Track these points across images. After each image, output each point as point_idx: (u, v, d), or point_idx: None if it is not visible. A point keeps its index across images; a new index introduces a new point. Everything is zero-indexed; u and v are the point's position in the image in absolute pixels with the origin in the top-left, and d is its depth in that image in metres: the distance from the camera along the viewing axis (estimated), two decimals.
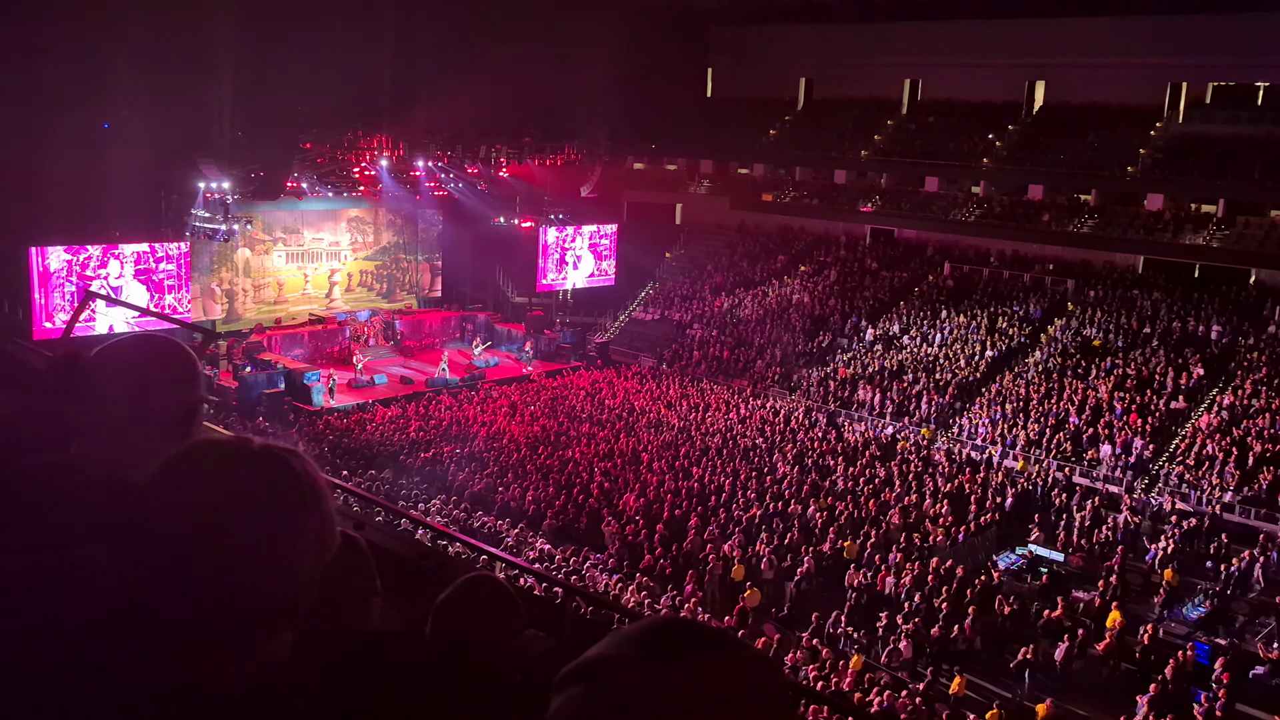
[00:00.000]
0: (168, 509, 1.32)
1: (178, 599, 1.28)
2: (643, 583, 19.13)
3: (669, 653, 1.01)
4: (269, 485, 1.33)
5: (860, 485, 25.07)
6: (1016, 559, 22.07)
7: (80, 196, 29.63)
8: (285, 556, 1.32)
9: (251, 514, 1.30)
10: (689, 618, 1.12)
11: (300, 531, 1.35)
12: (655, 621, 1.05)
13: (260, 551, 1.29)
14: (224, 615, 1.29)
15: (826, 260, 42.93)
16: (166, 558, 1.29)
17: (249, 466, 1.35)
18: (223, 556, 1.28)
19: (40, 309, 29.55)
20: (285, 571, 1.32)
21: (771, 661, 1.11)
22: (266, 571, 1.30)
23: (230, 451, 1.37)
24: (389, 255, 41.47)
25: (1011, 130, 42.96)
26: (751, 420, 30.43)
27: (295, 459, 1.39)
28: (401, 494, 23.00)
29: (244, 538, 1.29)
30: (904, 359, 34.75)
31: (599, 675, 1.02)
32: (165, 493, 1.34)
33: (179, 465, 1.36)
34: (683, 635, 1.03)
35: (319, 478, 1.42)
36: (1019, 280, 38.24)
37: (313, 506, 1.37)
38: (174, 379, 2.20)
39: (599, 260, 42.56)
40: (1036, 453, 28.02)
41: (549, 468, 25.32)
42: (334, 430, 28.48)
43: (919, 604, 19.11)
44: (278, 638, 1.38)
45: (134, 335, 2.26)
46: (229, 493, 1.31)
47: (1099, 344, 32.95)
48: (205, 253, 35.02)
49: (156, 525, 1.31)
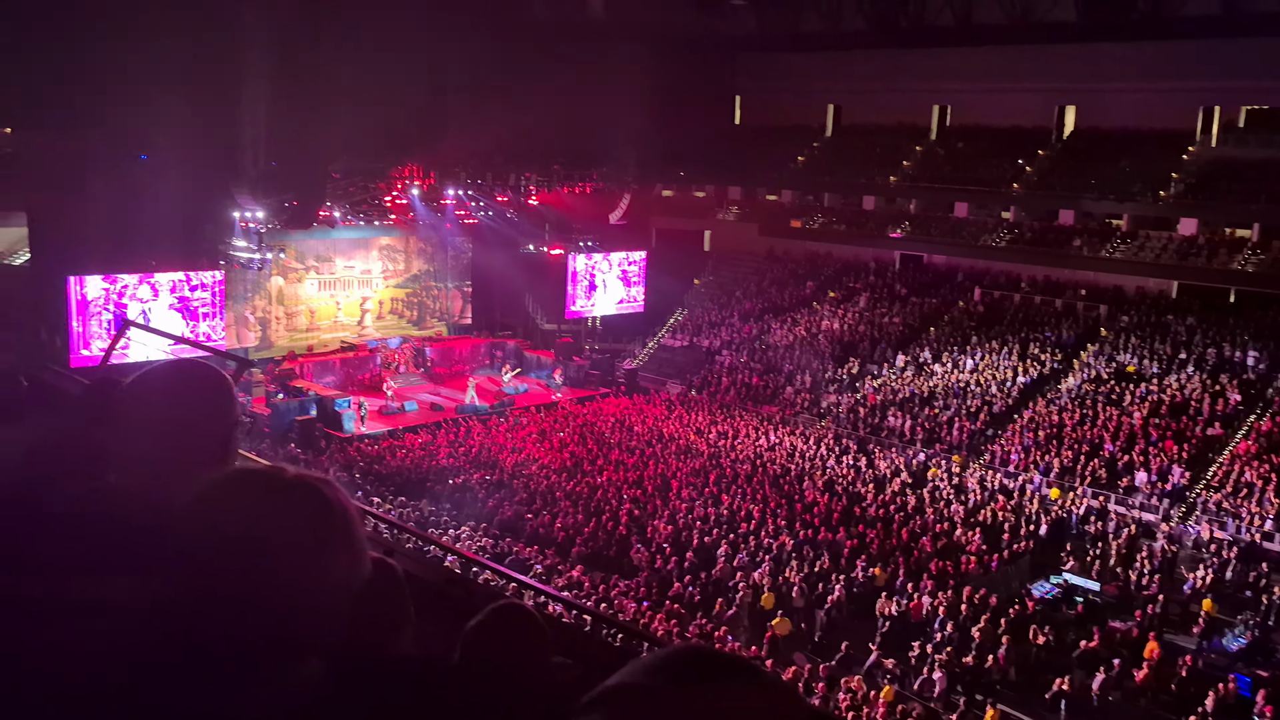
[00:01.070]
0: (202, 538, 1.34)
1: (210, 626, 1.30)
2: (672, 610, 19.03)
3: (688, 680, 1.02)
4: (302, 514, 1.36)
5: (891, 512, 24.86)
6: (1051, 588, 21.75)
7: (118, 226, 30.17)
8: (317, 584, 1.33)
9: (284, 543, 1.32)
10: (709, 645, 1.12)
11: (332, 559, 1.37)
12: (675, 649, 1.06)
13: (292, 579, 1.31)
14: (256, 642, 1.31)
15: (855, 286, 42.82)
16: (200, 585, 1.31)
17: (282, 496, 1.37)
18: (255, 584, 1.30)
19: (78, 337, 29.98)
20: (317, 599, 1.34)
21: (790, 689, 1.12)
22: (298, 599, 1.32)
23: (264, 481, 1.40)
24: (419, 283, 41.79)
25: (1042, 155, 42.78)
26: (781, 447, 30.29)
27: (327, 488, 1.41)
28: (431, 520, 23.05)
29: (276, 566, 1.31)
30: (934, 385, 34.52)
31: (619, 702, 1.03)
32: (199, 522, 1.36)
33: (214, 494, 1.39)
34: (702, 662, 1.04)
35: (350, 506, 1.44)
36: (1050, 306, 37.94)
37: (344, 535, 1.39)
38: (211, 406, 2.22)
39: (628, 287, 42.67)
40: (1070, 480, 27.69)
41: (578, 495, 25.30)
42: (365, 457, 28.63)
43: (951, 633, 18.88)
44: (310, 664, 1.40)
45: (171, 363, 2.29)
46: (262, 522, 1.34)
47: (1133, 370, 32.58)
48: (239, 281, 35.45)
49: (191, 553, 1.34)
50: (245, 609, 1.30)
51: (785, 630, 18.99)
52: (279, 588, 1.31)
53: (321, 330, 38.71)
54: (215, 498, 1.39)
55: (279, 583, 1.31)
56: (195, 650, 1.31)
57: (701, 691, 1.01)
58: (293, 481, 1.39)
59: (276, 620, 1.31)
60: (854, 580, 20.89)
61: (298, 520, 1.34)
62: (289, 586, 1.31)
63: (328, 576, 1.35)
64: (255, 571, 1.31)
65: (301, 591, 1.32)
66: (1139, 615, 19.80)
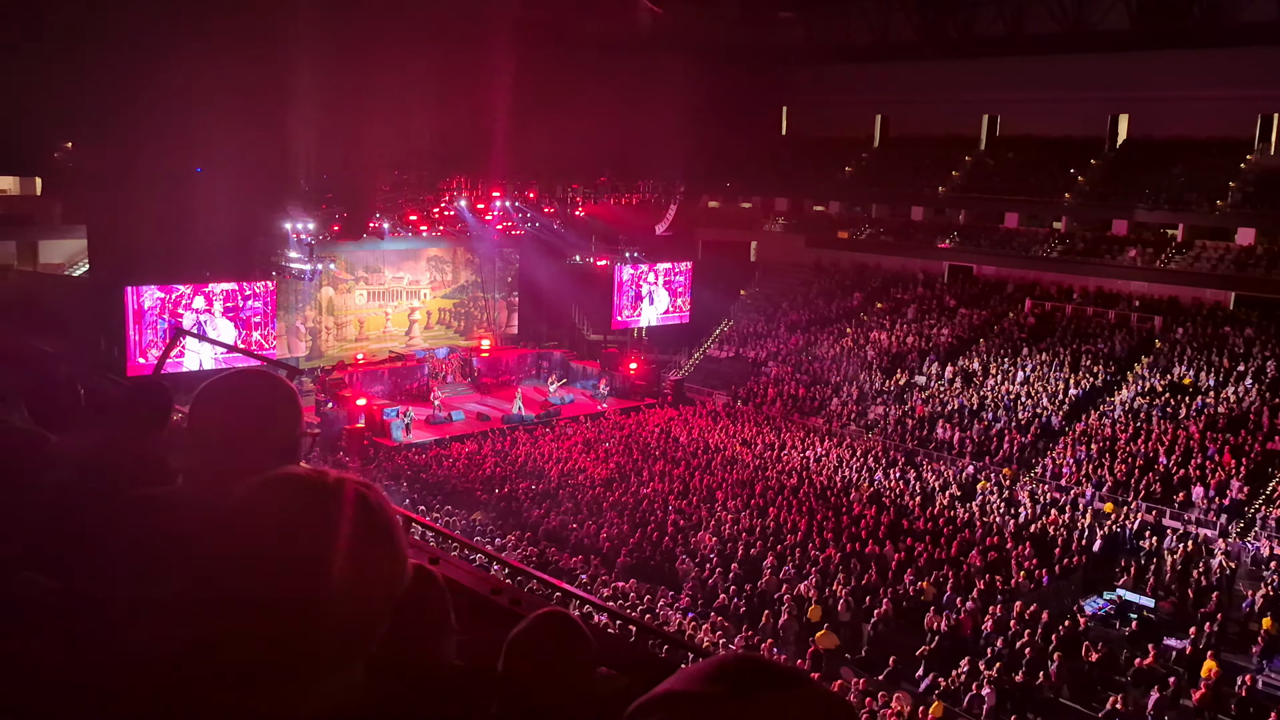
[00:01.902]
0: (244, 539, 1.36)
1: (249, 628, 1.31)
2: (717, 622, 18.95)
3: (740, 689, 1.01)
4: (343, 517, 1.36)
5: (940, 525, 24.57)
6: (1104, 604, 21.35)
7: (174, 238, 30.79)
8: (358, 588, 1.34)
9: (325, 545, 1.33)
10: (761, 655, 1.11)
11: (373, 564, 1.37)
12: (727, 658, 1.06)
13: (333, 582, 1.32)
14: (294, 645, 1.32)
15: (904, 298, 42.45)
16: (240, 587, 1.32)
17: (325, 499, 1.38)
18: (296, 586, 1.31)
19: (134, 345, 30.60)
20: (357, 602, 1.35)
21: (843, 701, 1.10)
22: (339, 602, 1.32)
23: (307, 484, 1.41)
24: (467, 293, 42.16)
25: (1094, 165, 42.16)
26: (828, 459, 30.08)
27: (369, 492, 1.42)
28: (477, 529, 23.18)
29: (317, 569, 1.31)
30: (984, 397, 34.09)
31: (672, 709, 1.02)
32: (242, 524, 1.38)
33: (257, 496, 1.40)
34: (755, 672, 1.04)
35: (392, 511, 1.45)
36: (1103, 317, 37.33)
37: (385, 539, 1.40)
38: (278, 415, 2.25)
39: (674, 298, 42.68)
40: (1124, 494, 27.18)
41: (623, 505, 25.31)
42: (412, 465, 28.89)
43: (1001, 649, 18.59)
44: (350, 668, 1.41)
45: (240, 372, 2.32)
46: (304, 524, 1.35)
47: (1189, 382, 31.95)
48: (290, 291, 36.01)
49: (233, 555, 1.35)
50: (285, 611, 1.30)
51: (831, 644, 18.81)
52: (319, 591, 1.31)
53: (370, 340, 39.17)
54: (258, 499, 1.40)
55: (319, 586, 1.31)
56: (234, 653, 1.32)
57: (756, 700, 1.01)
58: (335, 484, 1.39)
59: (316, 624, 1.32)
60: (902, 594, 20.66)
61: (340, 523, 1.35)
62: (329, 590, 1.32)
63: (369, 581, 1.35)
64: (296, 574, 1.31)
65: (342, 595, 1.33)
66: (1195, 633, 19.36)
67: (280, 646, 1.31)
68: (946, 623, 19.33)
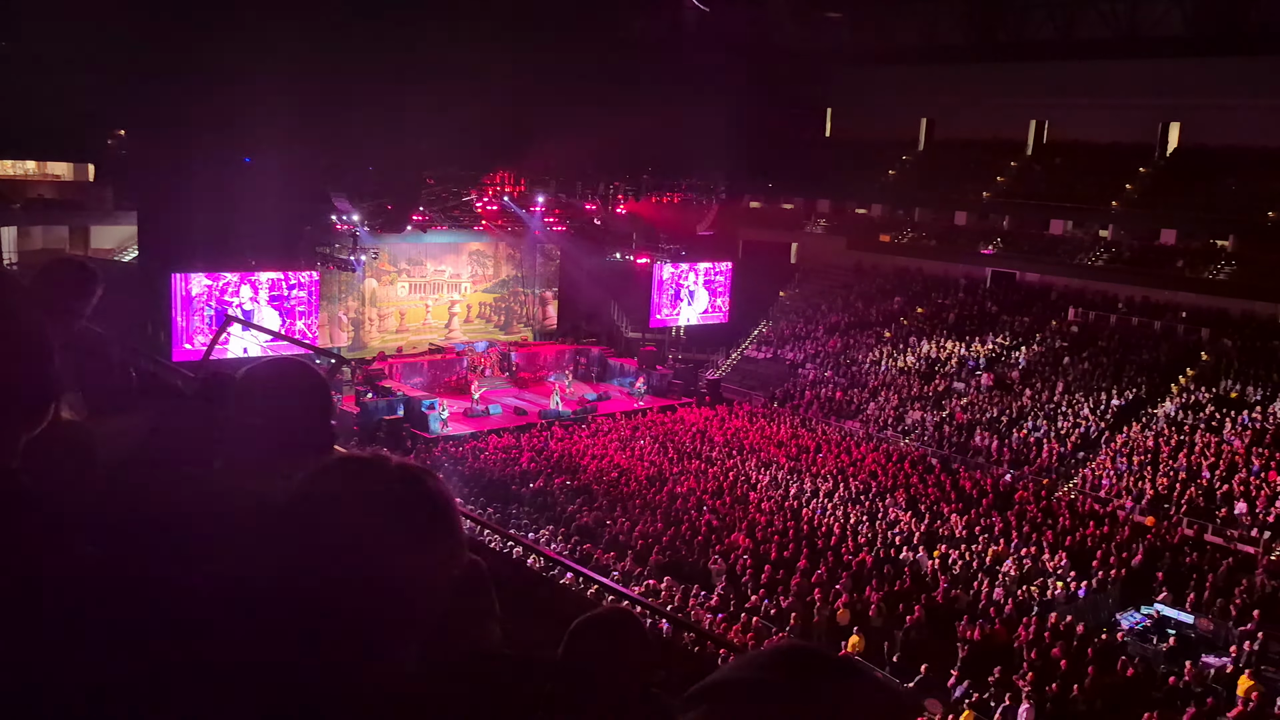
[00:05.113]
0: (309, 520, 1.39)
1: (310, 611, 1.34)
2: (748, 623, 18.92)
3: (799, 677, 1.02)
4: (404, 501, 1.39)
5: (975, 533, 24.34)
6: (1141, 618, 21.02)
7: (221, 226, 31.19)
8: (416, 571, 1.37)
9: (386, 528, 1.35)
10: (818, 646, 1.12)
11: (431, 548, 1.40)
12: (784, 646, 1.06)
13: (393, 565, 1.34)
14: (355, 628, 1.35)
15: (945, 303, 42.07)
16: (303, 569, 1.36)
17: (386, 483, 1.41)
18: (357, 570, 1.33)
19: (180, 331, 31.04)
20: (415, 586, 1.37)
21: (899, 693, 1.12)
22: (399, 586, 1.36)
23: (369, 468, 1.44)
24: (507, 288, 42.35)
25: (1143, 173, 41.49)
26: (864, 463, 29.90)
27: (430, 478, 1.45)
28: (511, 523, 23.31)
29: (378, 552, 1.34)
30: (1024, 405, 33.70)
31: (728, 696, 1.03)
32: (308, 505, 1.41)
33: (320, 479, 1.44)
34: (812, 661, 1.04)
35: (451, 498, 1.48)
36: (1149, 328, 36.75)
37: (444, 525, 1.43)
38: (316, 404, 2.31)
39: (713, 297, 42.60)
40: (1165, 508, 26.76)
41: (658, 503, 25.32)
42: (449, 458, 29.09)
43: (1035, 659, 18.40)
44: (405, 652, 1.44)
45: (276, 360, 2.38)
46: (366, 509, 1.37)
47: (1236, 396, 31.38)
48: (334, 282, 36.39)
49: (298, 536, 1.38)
50: (346, 594, 1.33)
51: (860, 647, 18.71)
52: (380, 574, 1.34)
53: (410, 332, 39.47)
54: (321, 483, 1.42)
55: (380, 569, 1.34)
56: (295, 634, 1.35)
57: (815, 689, 1.01)
58: (396, 470, 1.42)
59: (376, 606, 1.35)
60: (934, 601, 20.49)
61: (401, 508, 1.38)
62: (390, 573, 1.34)
63: (428, 565, 1.38)
64: (358, 557, 1.33)
65: (402, 579, 1.36)
66: (1235, 651, 19.04)
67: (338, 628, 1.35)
68: (980, 632, 19.17)
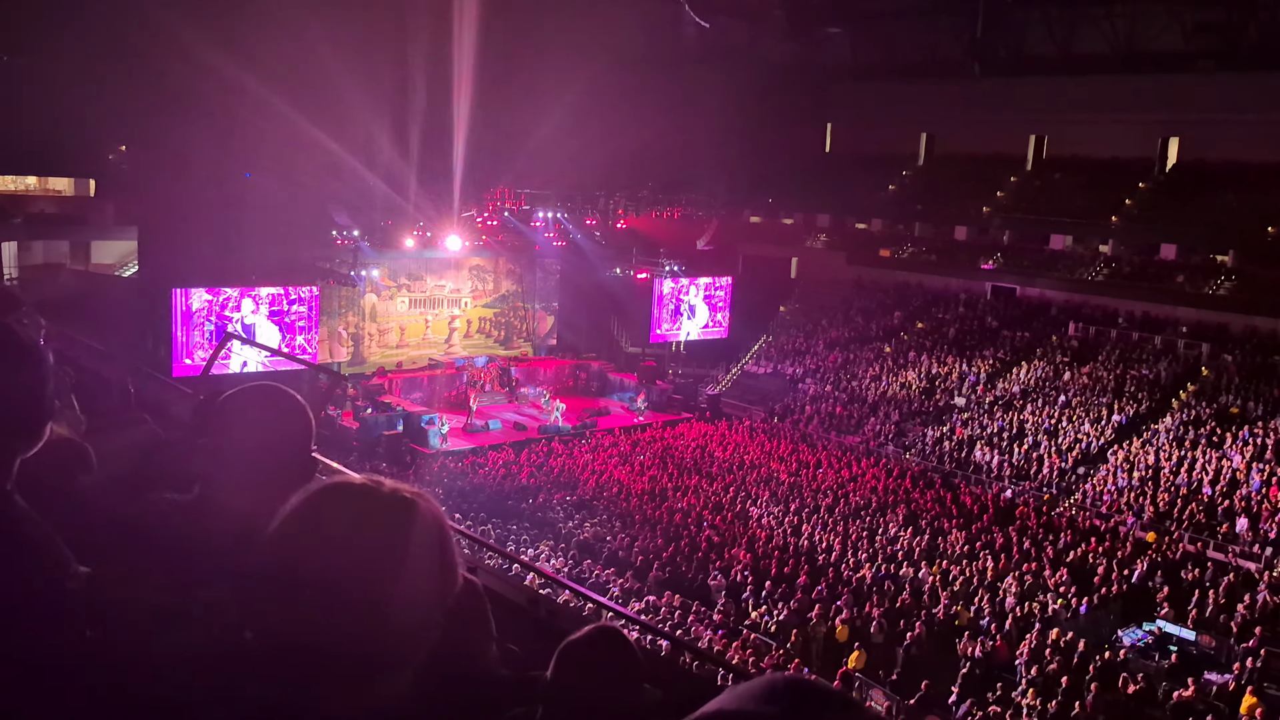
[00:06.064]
0: (302, 546, 1.38)
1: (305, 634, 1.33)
2: (748, 639, 18.84)
3: (793, 711, 1.01)
4: (397, 527, 1.38)
5: (976, 549, 24.28)
6: (1143, 635, 20.95)
7: (221, 241, 31.24)
8: (411, 597, 1.36)
9: (380, 554, 1.35)
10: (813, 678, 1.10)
11: (426, 573, 1.39)
12: (778, 678, 1.05)
13: (387, 590, 1.34)
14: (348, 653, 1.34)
15: (945, 318, 42.10)
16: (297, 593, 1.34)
17: (380, 508, 1.40)
18: (351, 594, 1.33)
19: (181, 346, 31.03)
20: (409, 610, 1.36)
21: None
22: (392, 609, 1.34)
23: (362, 493, 1.43)
24: (507, 303, 42.39)
25: (1143, 188, 41.59)
26: (864, 479, 29.85)
27: (423, 501, 1.44)
28: (510, 539, 23.25)
29: (372, 577, 1.33)
30: (1024, 420, 33.69)
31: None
32: (300, 530, 1.40)
33: (313, 504, 1.43)
34: (807, 694, 1.03)
35: (444, 521, 1.47)
36: (1149, 343, 36.77)
37: (438, 549, 1.42)
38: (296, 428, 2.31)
39: (713, 312, 42.63)
40: (1166, 523, 26.70)
41: (657, 519, 25.27)
42: (449, 473, 29.04)
43: (1036, 676, 18.32)
44: (399, 676, 1.43)
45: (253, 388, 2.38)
46: (360, 534, 1.37)
47: (1236, 412, 31.36)
48: (333, 297, 36.39)
49: (290, 561, 1.37)
50: (339, 619, 1.32)
51: (860, 664, 18.64)
52: (373, 599, 1.33)
53: (410, 347, 39.48)
54: (315, 507, 1.42)
55: (374, 594, 1.33)
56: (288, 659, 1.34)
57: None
58: (390, 494, 1.42)
59: (369, 631, 1.34)
60: (935, 617, 20.43)
61: (394, 533, 1.37)
62: (383, 598, 1.34)
63: (421, 590, 1.38)
64: (351, 582, 1.33)
65: (395, 604, 1.35)
66: (1237, 668, 18.95)
67: (331, 652, 1.33)
68: (981, 649, 19.11)
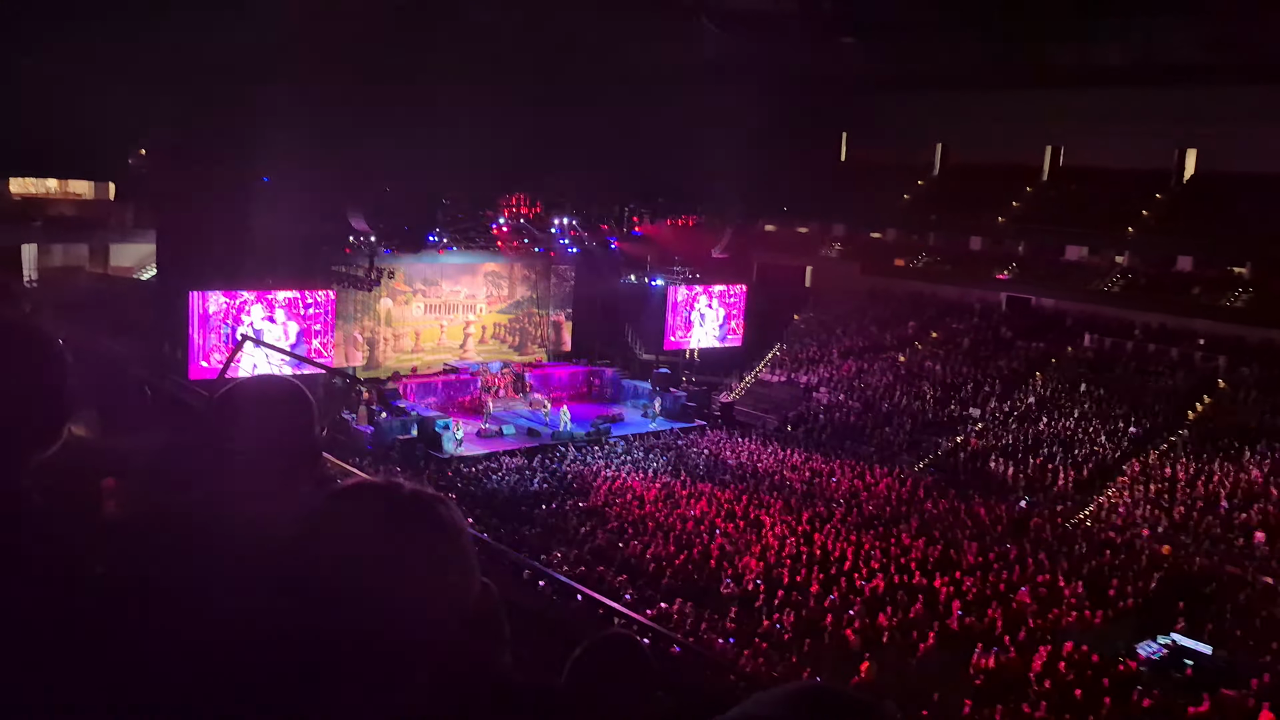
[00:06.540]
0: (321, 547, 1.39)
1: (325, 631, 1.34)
2: (759, 647, 18.78)
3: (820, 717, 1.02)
4: (417, 530, 1.39)
5: (990, 560, 24.16)
6: (1158, 648, 20.78)
7: (239, 245, 31.40)
8: (429, 600, 1.37)
9: (400, 558, 1.36)
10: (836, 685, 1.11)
11: (445, 576, 1.40)
12: (801, 686, 1.06)
13: (405, 592, 1.35)
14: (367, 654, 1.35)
15: (959, 328, 41.95)
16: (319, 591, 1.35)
17: (400, 512, 1.41)
18: (370, 597, 1.34)
19: (197, 349, 31.18)
20: (427, 613, 1.37)
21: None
22: (409, 612, 1.35)
23: (382, 496, 1.44)
24: (522, 309, 42.46)
25: (1160, 199, 41.37)
26: (876, 488, 29.75)
27: (442, 505, 1.45)
28: (523, 544, 23.25)
29: (391, 580, 1.34)
30: (1039, 432, 33.51)
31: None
32: (322, 532, 1.41)
33: (334, 507, 1.44)
34: (830, 701, 1.04)
35: (463, 524, 1.48)
36: (1165, 355, 36.54)
37: (456, 552, 1.43)
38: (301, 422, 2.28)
39: (727, 320, 42.61)
40: (1183, 537, 26.52)
41: (669, 526, 25.23)
42: (462, 478, 29.09)
43: (1050, 690, 18.20)
44: (415, 679, 1.44)
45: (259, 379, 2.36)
46: (380, 537, 1.37)
47: (1254, 426, 31.13)
48: (350, 301, 36.51)
49: (313, 559, 1.39)
50: (358, 621, 1.33)
51: (872, 675, 18.55)
52: (393, 601, 1.34)
53: (425, 352, 39.58)
54: (336, 510, 1.43)
55: (392, 596, 1.34)
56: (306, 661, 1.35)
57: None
58: (409, 497, 1.42)
59: (388, 633, 1.35)
60: (948, 628, 20.32)
61: (414, 536, 1.38)
62: (402, 601, 1.35)
63: (440, 593, 1.38)
64: (371, 585, 1.34)
65: (413, 606, 1.36)
66: (1255, 683, 18.79)
67: (349, 655, 1.34)
68: (994, 660, 19.00)
